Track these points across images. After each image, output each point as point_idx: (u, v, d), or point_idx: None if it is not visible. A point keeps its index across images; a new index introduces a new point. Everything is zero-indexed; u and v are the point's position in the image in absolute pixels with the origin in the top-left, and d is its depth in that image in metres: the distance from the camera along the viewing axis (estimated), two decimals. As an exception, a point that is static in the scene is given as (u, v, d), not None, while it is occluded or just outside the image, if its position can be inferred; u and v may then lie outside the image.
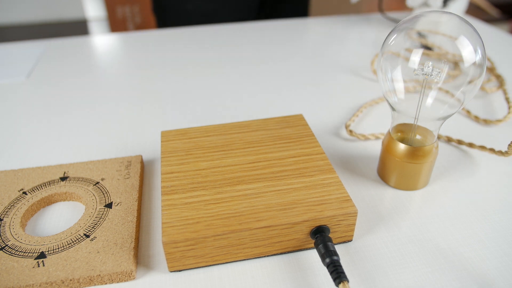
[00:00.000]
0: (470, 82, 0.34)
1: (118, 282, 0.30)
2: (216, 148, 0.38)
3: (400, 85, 0.37)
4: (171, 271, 0.31)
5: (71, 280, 0.29)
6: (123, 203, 0.36)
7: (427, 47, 0.62)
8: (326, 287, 0.30)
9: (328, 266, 0.29)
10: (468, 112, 0.50)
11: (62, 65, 0.67)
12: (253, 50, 0.71)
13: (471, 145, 0.44)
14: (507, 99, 0.52)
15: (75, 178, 0.39)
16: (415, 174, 0.38)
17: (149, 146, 0.46)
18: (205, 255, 0.31)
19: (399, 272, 0.31)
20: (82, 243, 0.32)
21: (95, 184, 0.38)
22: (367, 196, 0.38)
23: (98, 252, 0.31)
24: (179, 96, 0.56)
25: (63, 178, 0.38)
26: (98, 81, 0.61)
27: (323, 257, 0.29)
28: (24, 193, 0.37)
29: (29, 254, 0.31)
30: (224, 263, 0.32)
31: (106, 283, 0.30)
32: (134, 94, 0.57)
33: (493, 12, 1.77)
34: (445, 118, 0.36)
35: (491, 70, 0.60)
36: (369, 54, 0.69)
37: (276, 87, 0.58)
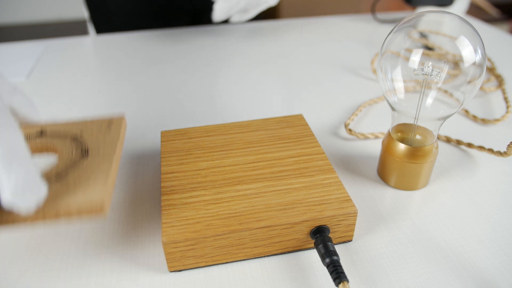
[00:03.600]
0: (470, 82, 0.34)
1: (87, 217, 0.27)
2: (216, 148, 0.38)
3: (400, 85, 0.37)
4: (171, 271, 0.31)
5: (36, 214, 0.26)
6: (100, 155, 0.33)
7: (427, 47, 0.62)
8: (326, 287, 0.30)
9: (328, 266, 0.29)
10: (466, 111, 0.50)
11: (62, 65, 0.67)
12: (253, 51, 0.71)
13: (470, 145, 0.44)
14: (505, 99, 0.52)
15: (52, 132, 0.36)
16: (415, 174, 0.38)
17: (149, 146, 0.46)
18: (205, 255, 0.31)
19: (399, 272, 0.31)
20: (53, 181, 0.29)
21: (73, 139, 0.35)
22: (367, 196, 0.38)
23: (68, 188, 0.28)
24: (179, 96, 0.56)
25: (40, 133, 0.36)
26: (98, 81, 0.61)
27: (323, 257, 0.29)
28: None
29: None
30: (224, 263, 0.32)
31: (74, 218, 0.27)
32: (134, 94, 0.57)
33: (493, 12, 1.77)
34: (445, 118, 0.36)
35: (491, 70, 0.60)
36: (368, 53, 0.69)
37: (276, 87, 0.58)
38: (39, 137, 0.35)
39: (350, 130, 0.46)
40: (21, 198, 0.23)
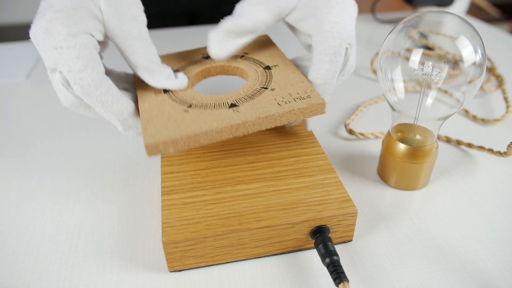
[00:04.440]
0: (470, 82, 0.34)
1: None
2: (216, 148, 0.38)
3: (400, 85, 0.37)
4: (171, 271, 0.31)
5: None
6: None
7: (427, 47, 0.62)
8: (326, 287, 0.30)
9: (328, 266, 0.29)
10: (466, 111, 0.50)
11: (62, 65, 0.67)
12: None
13: (469, 145, 0.44)
14: (505, 99, 0.52)
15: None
16: (415, 174, 0.38)
17: (149, 146, 0.46)
18: (205, 255, 0.31)
19: (399, 272, 0.31)
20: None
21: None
22: (367, 196, 0.38)
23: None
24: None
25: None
26: (98, 81, 0.61)
27: (323, 257, 0.29)
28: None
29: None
30: (224, 263, 0.32)
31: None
32: (134, 94, 0.57)
33: (493, 12, 1.77)
34: (445, 118, 0.36)
35: (491, 70, 0.60)
36: (368, 53, 0.69)
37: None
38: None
39: (350, 130, 0.46)
40: (125, 132, 0.35)
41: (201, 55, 0.41)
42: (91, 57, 0.32)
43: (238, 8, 0.37)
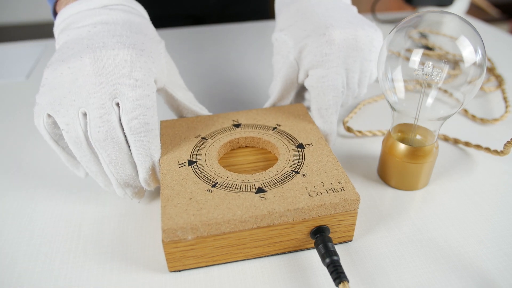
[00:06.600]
0: (470, 82, 0.34)
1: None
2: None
3: (400, 85, 0.37)
4: (171, 271, 0.31)
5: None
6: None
7: (427, 47, 0.62)
8: (326, 287, 0.30)
9: (328, 266, 0.29)
10: (466, 111, 0.50)
11: (62, 65, 0.67)
12: (255, 50, 0.71)
13: (467, 144, 0.44)
14: (505, 99, 0.52)
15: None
16: (415, 174, 0.38)
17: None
18: (205, 255, 0.31)
19: (399, 272, 0.31)
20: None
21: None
22: (367, 196, 0.38)
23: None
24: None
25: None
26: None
27: (323, 257, 0.29)
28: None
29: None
30: (224, 263, 0.32)
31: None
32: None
33: (493, 12, 1.77)
34: (445, 118, 0.36)
35: (491, 70, 0.60)
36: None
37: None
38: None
39: (348, 127, 0.46)
40: (145, 185, 0.35)
41: (231, 121, 0.39)
42: (155, 101, 0.34)
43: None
